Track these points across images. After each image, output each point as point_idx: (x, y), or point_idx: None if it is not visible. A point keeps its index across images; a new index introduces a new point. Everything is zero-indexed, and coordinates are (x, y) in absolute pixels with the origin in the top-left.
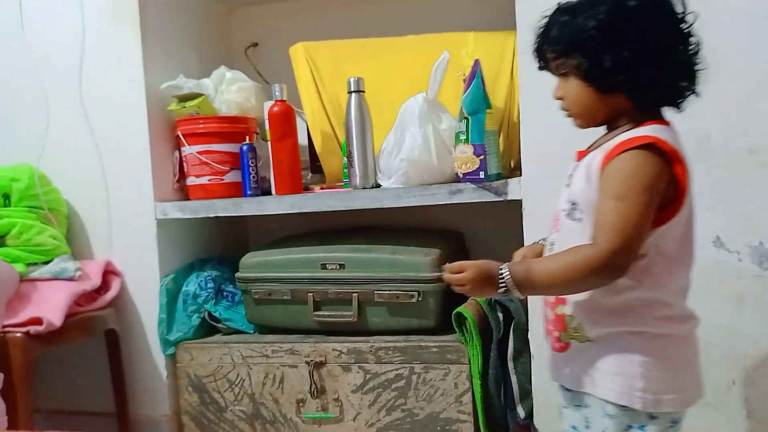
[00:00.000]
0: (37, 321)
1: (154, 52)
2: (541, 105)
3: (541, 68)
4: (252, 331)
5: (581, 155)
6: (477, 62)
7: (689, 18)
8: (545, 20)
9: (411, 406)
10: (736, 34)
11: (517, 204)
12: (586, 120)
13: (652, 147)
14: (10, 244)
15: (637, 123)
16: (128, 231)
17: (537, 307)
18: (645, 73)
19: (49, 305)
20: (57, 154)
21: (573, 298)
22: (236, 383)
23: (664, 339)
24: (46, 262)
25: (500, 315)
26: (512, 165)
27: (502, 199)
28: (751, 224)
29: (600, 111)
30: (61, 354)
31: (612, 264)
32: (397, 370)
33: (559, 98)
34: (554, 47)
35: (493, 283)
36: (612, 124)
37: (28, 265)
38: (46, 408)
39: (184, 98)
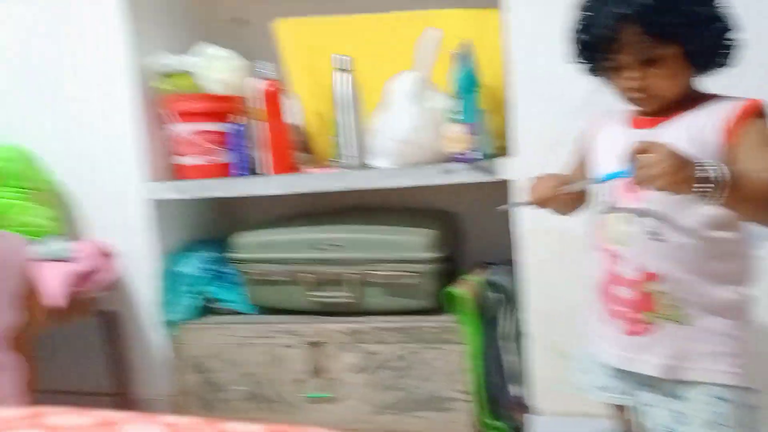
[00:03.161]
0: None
1: (140, 28)
2: (531, 83)
3: (595, 61)
4: (252, 312)
5: (643, 123)
6: (466, 40)
7: None
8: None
9: (409, 385)
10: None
11: (507, 184)
12: (667, 101)
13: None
14: (4, 224)
15: (706, 94)
16: (121, 211)
17: (535, 283)
18: (723, 45)
19: (49, 285)
20: (45, 133)
21: (670, 274)
22: (236, 364)
23: (742, 307)
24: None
25: (496, 295)
26: (500, 145)
27: (494, 179)
28: None
29: (684, 89)
30: (54, 335)
31: None
32: (395, 350)
33: (642, 88)
34: (664, 32)
35: (691, 173)
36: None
37: None
38: (42, 388)
39: (168, 74)
